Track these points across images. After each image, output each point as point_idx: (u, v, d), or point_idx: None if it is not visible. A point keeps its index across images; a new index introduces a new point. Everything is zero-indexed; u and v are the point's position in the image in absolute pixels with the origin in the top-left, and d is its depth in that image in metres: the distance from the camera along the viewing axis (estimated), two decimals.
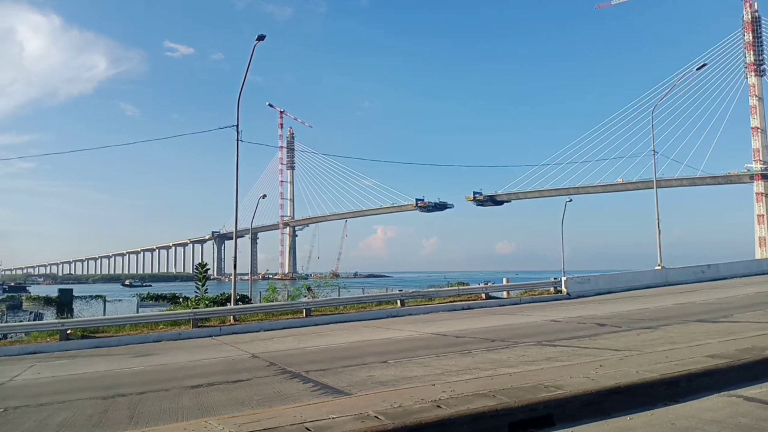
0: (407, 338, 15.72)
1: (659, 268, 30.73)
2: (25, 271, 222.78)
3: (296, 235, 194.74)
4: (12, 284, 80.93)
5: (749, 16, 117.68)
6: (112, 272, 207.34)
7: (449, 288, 26.14)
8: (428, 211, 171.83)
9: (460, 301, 24.33)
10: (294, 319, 22.60)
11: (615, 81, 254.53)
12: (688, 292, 24.20)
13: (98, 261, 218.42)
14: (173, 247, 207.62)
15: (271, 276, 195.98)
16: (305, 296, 27.27)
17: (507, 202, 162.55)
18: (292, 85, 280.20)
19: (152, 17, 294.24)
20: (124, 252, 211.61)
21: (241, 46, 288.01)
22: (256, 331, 21.39)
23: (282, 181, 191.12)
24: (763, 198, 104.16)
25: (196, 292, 27.37)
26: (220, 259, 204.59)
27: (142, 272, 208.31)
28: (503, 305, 24.48)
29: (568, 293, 26.61)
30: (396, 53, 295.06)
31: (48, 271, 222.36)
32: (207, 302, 25.17)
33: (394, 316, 22.35)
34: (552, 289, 26.82)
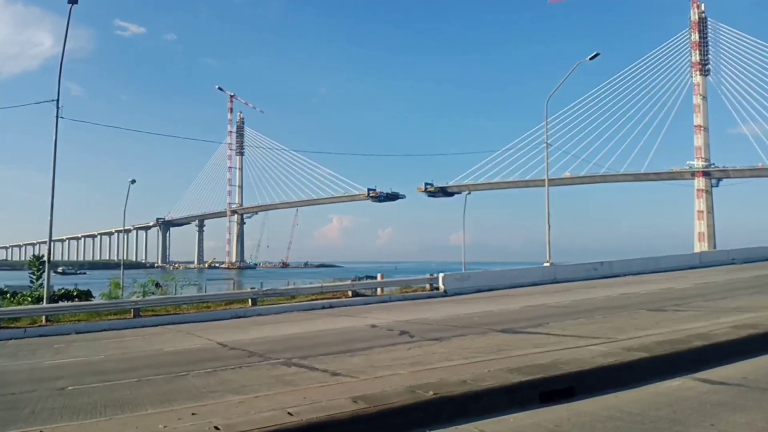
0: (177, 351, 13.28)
1: (548, 265, 29.05)
2: None
3: (244, 223, 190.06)
4: None
5: (696, 17, 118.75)
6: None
7: (311, 286, 23.62)
8: (380, 201, 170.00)
9: (323, 299, 22.05)
10: (120, 320, 19.95)
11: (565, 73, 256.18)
12: (562, 291, 22.77)
13: (36, 246, 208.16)
14: (116, 234, 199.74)
15: (217, 265, 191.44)
16: (152, 293, 24.24)
17: (458, 193, 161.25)
18: (248, 69, 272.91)
19: None
20: (64, 238, 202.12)
21: (196, 28, 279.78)
22: (68, 334, 18.79)
23: (230, 167, 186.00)
24: (704, 194, 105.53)
25: (30, 285, 24.32)
26: (165, 247, 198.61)
27: (82, 259, 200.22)
28: (368, 303, 22.37)
29: (445, 291, 24.63)
30: (355, 40, 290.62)
31: None
32: (31, 299, 22.18)
33: (240, 317, 20.00)
34: (428, 286, 24.75)
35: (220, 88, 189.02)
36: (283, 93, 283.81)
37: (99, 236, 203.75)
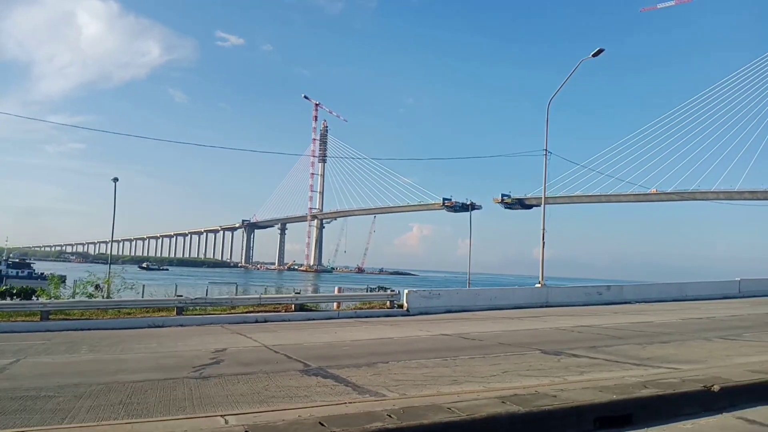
0: None
1: (539, 286, 26.13)
2: (56, 248, 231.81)
3: (323, 228, 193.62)
4: (17, 260, 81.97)
5: None
6: (144, 254, 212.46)
7: (248, 297, 22.21)
8: (455, 210, 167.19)
9: (261, 311, 20.80)
10: (25, 322, 18.55)
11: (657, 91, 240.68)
12: (541, 317, 20.16)
13: (133, 243, 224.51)
14: (204, 233, 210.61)
15: (296, 267, 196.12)
16: (89, 295, 22.73)
17: (536, 206, 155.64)
18: (337, 78, 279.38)
19: (206, 6, 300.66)
20: (158, 235, 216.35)
21: (291, 38, 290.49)
22: None
23: (313, 174, 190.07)
24: None
25: None
26: (249, 248, 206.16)
27: (173, 256, 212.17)
28: (310, 319, 20.83)
29: (408, 309, 22.64)
30: (444, 51, 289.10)
31: (84, 250, 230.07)
32: None
33: (158, 326, 19.04)
34: (388, 303, 22.87)
35: (306, 97, 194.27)
36: (371, 102, 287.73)
37: (189, 235, 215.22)
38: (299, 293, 22.62)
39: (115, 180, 38.54)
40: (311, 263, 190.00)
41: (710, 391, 6.94)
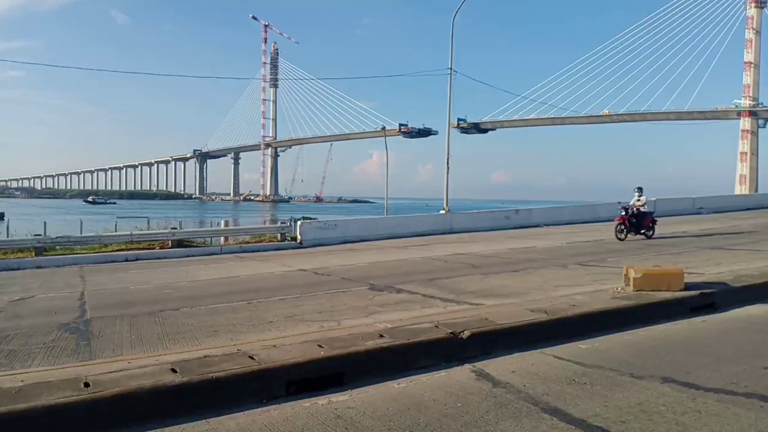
0: None
1: (444, 212, 25.26)
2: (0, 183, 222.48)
3: (278, 156, 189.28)
4: None
5: None
6: (92, 187, 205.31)
7: (118, 234, 20.45)
8: (411, 136, 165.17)
9: (134, 249, 19.30)
10: None
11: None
12: (436, 244, 19.60)
13: (81, 176, 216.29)
14: (155, 164, 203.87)
15: (252, 198, 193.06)
16: None
17: (492, 130, 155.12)
18: None
19: None
20: (107, 167, 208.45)
21: None
22: None
23: (264, 100, 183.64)
24: (748, 135, 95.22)
25: None
26: (203, 178, 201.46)
27: (123, 189, 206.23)
28: (190, 255, 19.46)
29: (301, 241, 21.49)
30: None
31: (30, 185, 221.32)
32: None
33: (14, 269, 17.47)
34: (279, 235, 21.65)
35: (254, 17, 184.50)
36: (324, 23, 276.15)
37: (140, 167, 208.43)
38: (176, 229, 21.06)
39: None
40: (267, 193, 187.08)
41: (458, 337, 5.89)
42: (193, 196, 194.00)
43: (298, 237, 21.58)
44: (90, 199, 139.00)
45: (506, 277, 10.94)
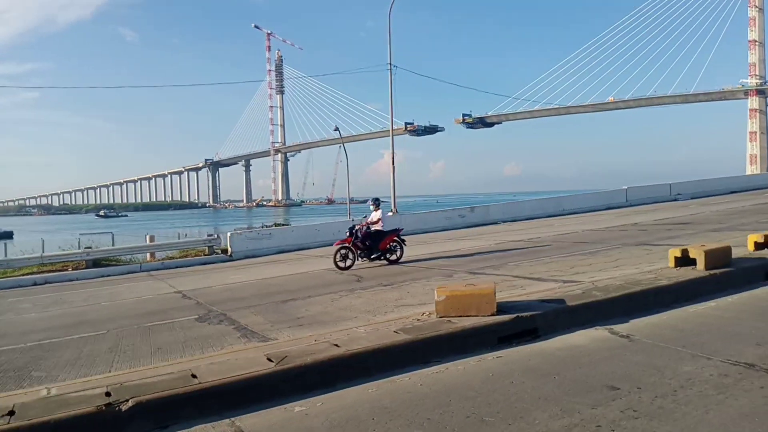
0: None
1: (391, 214, 23.82)
2: (17, 202, 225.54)
3: (288, 161, 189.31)
4: None
5: None
6: (109, 201, 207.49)
7: (27, 256, 18.97)
8: (417, 134, 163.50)
9: (42, 273, 18.19)
10: None
11: None
12: None
13: (97, 191, 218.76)
14: (169, 176, 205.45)
15: (265, 203, 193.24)
16: None
17: (497, 123, 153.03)
18: (290, 5, 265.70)
19: None
20: (122, 181, 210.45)
21: None
22: None
23: (272, 107, 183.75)
24: (757, 114, 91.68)
25: None
26: (215, 187, 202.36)
27: (138, 201, 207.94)
28: (105, 276, 18.31)
29: (231, 254, 20.32)
30: None
31: (48, 202, 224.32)
32: None
33: None
34: (206, 249, 20.48)
35: (256, 26, 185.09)
36: (328, 27, 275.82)
37: (153, 178, 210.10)
38: (90, 248, 19.99)
39: None
40: (279, 198, 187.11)
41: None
42: (207, 204, 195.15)
43: (229, 249, 20.42)
44: (101, 213, 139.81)
45: (354, 299, 9.56)
